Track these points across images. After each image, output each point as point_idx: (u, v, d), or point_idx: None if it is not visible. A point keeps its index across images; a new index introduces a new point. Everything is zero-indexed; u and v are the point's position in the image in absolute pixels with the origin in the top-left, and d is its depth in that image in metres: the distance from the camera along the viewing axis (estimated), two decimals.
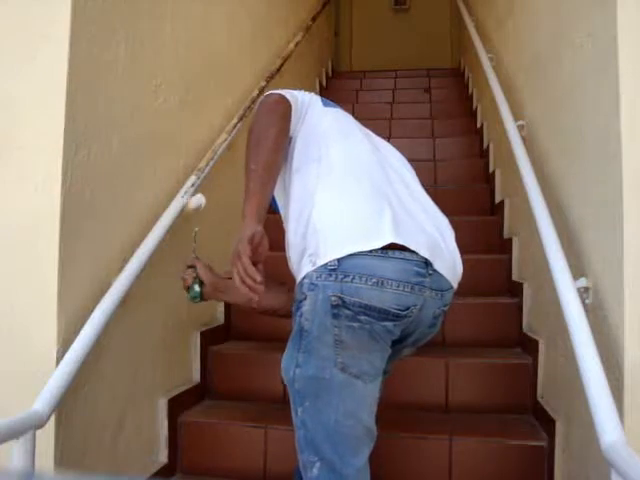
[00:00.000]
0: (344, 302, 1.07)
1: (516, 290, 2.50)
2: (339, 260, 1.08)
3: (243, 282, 1.08)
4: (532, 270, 2.29)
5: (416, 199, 1.24)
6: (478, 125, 4.07)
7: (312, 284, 1.10)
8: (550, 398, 1.93)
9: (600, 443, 1.05)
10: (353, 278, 1.06)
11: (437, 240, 1.17)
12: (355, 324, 1.08)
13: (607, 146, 1.37)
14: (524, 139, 2.14)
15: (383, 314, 1.08)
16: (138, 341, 1.79)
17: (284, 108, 1.23)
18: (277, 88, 1.33)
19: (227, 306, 2.57)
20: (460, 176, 3.62)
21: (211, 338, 2.35)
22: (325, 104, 1.36)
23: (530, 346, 2.17)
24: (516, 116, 2.30)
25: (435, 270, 1.13)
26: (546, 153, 2.00)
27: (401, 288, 1.08)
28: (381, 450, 1.82)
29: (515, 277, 2.64)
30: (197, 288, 1.40)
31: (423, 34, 6.30)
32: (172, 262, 1.99)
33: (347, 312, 1.07)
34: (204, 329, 2.31)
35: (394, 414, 2.04)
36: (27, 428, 1.14)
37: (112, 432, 1.65)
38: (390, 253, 1.09)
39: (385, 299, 1.08)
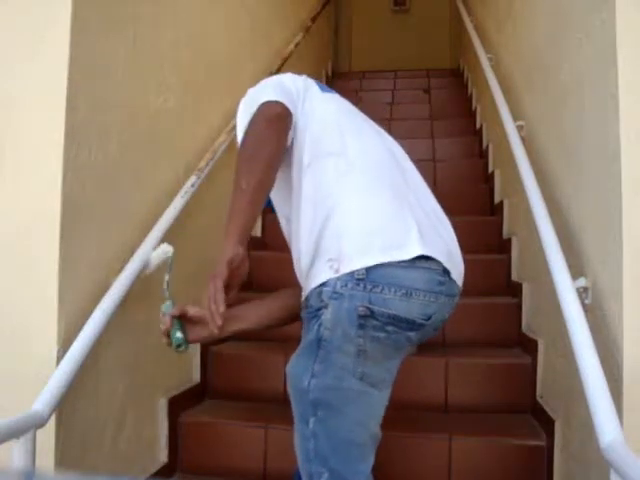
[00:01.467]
0: (372, 312, 1.04)
1: (515, 290, 2.50)
2: (367, 269, 1.04)
3: (209, 306, 1.00)
4: (531, 270, 2.29)
5: (428, 201, 1.21)
6: (477, 125, 4.08)
7: (336, 292, 1.05)
8: (549, 398, 1.93)
9: (599, 443, 1.06)
10: (382, 289, 1.04)
11: (450, 246, 1.15)
12: (381, 334, 1.06)
13: (606, 146, 1.37)
14: (523, 139, 2.14)
15: (410, 324, 1.07)
16: (138, 341, 1.79)
17: (285, 124, 1.13)
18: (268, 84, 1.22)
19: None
20: (459, 176, 3.63)
21: None
22: (322, 89, 1.26)
23: (529, 346, 2.18)
24: (515, 116, 2.30)
25: (451, 278, 1.13)
26: (545, 153, 2.00)
27: (427, 298, 1.07)
28: (381, 450, 1.82)
29: (514, 277, 2.64)
30: (179, 334, 1.21)
31: (423, 35, 6.31)
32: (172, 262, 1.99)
33: (375, 322, 1.04)
34: None
35: (394, 414, 2.03)
36: (27, 428, 1.14)
37: (112, 432, 1.66)
38: (417, 263, 1.06)
39: (412, 310, 1.06)
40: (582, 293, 1.43)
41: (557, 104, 1.88)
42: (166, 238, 1.76)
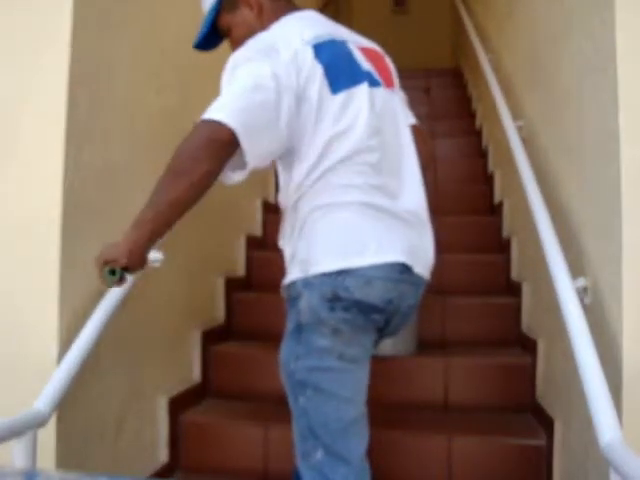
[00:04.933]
0: (338, 297, 1.15)
1: (515, 290, 2.50)
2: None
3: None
4: (531, 270, 2.29)
5: (406, 175, 1.26)
6: (477, 126, 4.08)
7: (307, 283, 1.17)
8: (549, 397, 1.93)
9: (599, 442, 1.06)
10: (345, 278, 1.15)
11: (417, 243, 1.24)
12: (349, 316, 1.16)
13: (606, 146, 1.37)
14: (523, 139, 2.14)
15: (370, 308, 1.17)
16: (138, 341, 1.79)
17: (219, 162, 1.08)
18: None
19: (227, 306, 2.58)
20: (459, 176, 3.63)
21: (211, 338, 2.35)
22: (334, 87, 1.17)
23: (529, 346, 2.18)
24: (515, 116, 2.30)
25: (413, 272, 1.22)
26: (545, 153, 2.00)
27: (386, 285, 1.17)
28: (381, 449, 1.82)
29: (514, 277, 2.64)
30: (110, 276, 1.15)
31: (423, 35, 6.31)
32: (172, 262, 1.99)
33: (341, 304, 1.15)
34: (205, 329, 2.32)
35: (394, 413, 2.05)
36: (28, 427, 1.15)
37: (113, 431, 1.66)
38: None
39: (372, 295, 1.16)
40: (582, 292, 1.44)
41: (557, 104, 1.88)
42: (167, 237, 1.76)
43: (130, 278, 1.23)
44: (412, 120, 1.43)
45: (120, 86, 1.67)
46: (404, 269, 1.19)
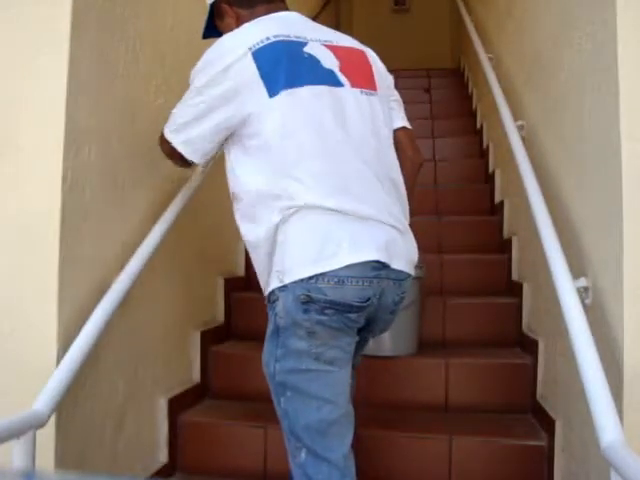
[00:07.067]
0: (312, 299, 1.17)
1: (516, 290, 2.50)
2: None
3: None
4: (532, 270, 2.29)
5: (378, 178, 1.24)
6: (478, 125, 4.08)
7: (283, 287, 1.20)
8: (550, 398, 1.93)
9: (599, 442, 1.06)
10: (317, 280, 1.16)
11: (395, 236, 1.23)
12: (323, 317, 1.17)
13: (607, 146, 1.37)
14: (524, 139, 2.14)
15: (347, 307, 1.18)
16: (138, 341, 1.79)
17: (177, 161, 1.44)
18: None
19: (227, 306, 2.58)
20: (460, 176, 3.63)
21: (211, 338, 2.35)
22: (271, 90, 1.20)
23: (530, 346, 2.18)
24: (516, 116, 2.30)
25: (390, 267, 1.22)
26: (546, 153, 2.00)
27: (360, 283, 1.18)
28: (381, 450, 1.82)
29: (515, 277, 2.64)
30: None
31: (423, 34, 6.32)
32: (172, 262, 1.99)
33: (315, 306, 1.17)
34: (204, 329, 2.31)
35: (394, 414, 2.04)
36: (27, 428, 1.14)
37: (112, 432, 1.66)
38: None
39: (347, 295, 1.17)
40: (582, 293, 1.43)
41: (558, 104, 1.88)
42: (166, 238, 1.77)
43: None
44: (401, 123, 1.42)
45: (120, 86, 1.67)
46: (380, 266, 1.19)
